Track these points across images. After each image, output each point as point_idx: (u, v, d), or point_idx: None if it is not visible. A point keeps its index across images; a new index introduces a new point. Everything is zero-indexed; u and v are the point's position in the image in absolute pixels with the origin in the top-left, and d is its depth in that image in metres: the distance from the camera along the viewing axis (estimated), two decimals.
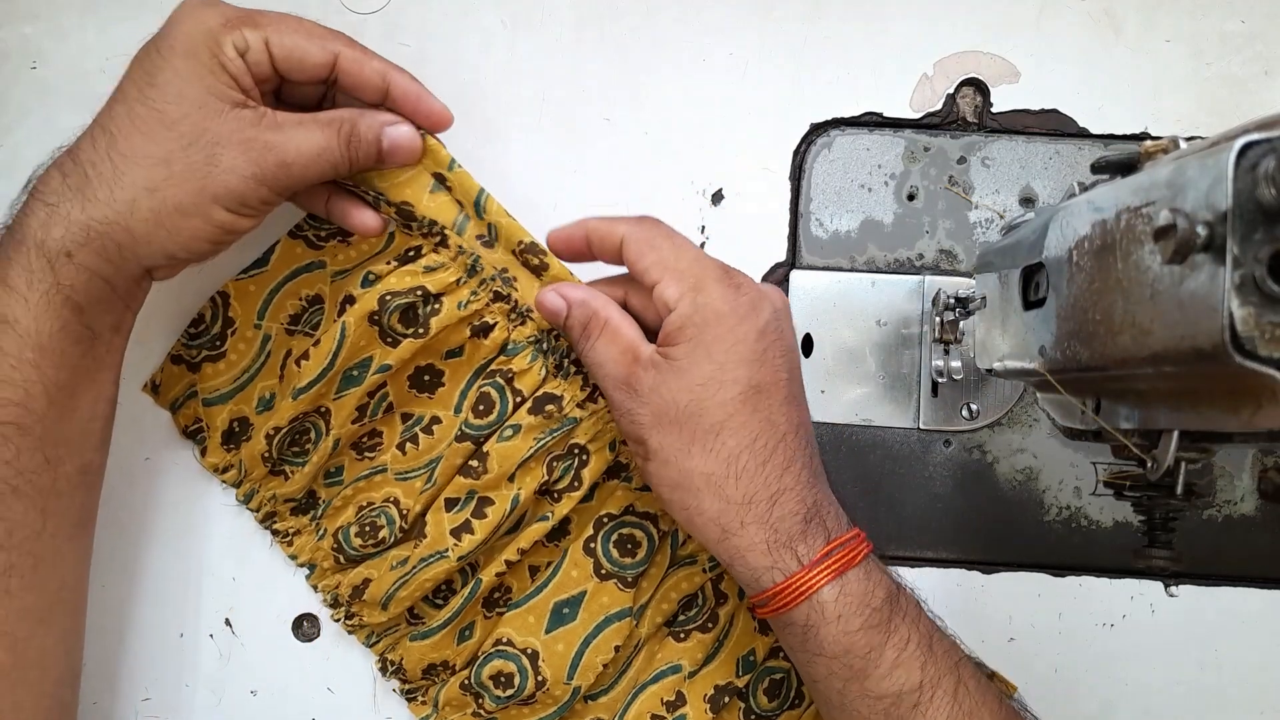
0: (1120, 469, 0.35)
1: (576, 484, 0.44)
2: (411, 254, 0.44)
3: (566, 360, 0.44)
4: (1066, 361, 0.32)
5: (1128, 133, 0.48)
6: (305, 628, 0.48)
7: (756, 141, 0.49)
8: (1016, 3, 0.49)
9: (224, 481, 0.47)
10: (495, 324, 0.44)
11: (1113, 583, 0.47)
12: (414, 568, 0.44)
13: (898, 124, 0.49)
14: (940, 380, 0.47)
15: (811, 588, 0.38)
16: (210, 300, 0.46)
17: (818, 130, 0.49)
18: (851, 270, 0.49)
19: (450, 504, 0.44)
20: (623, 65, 0.49)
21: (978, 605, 0.47)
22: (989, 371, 0.40)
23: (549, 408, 0.43)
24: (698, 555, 0.46)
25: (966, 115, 0.49)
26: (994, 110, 0.48)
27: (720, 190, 0.49)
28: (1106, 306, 0.29)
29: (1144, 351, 0.27)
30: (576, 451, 0.44)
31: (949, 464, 0.48)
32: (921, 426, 0.48)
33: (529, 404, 0.44)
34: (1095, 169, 0.33)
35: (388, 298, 0.43)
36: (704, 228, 0.49)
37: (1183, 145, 0.29)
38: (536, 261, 0.44)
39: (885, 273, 0.49)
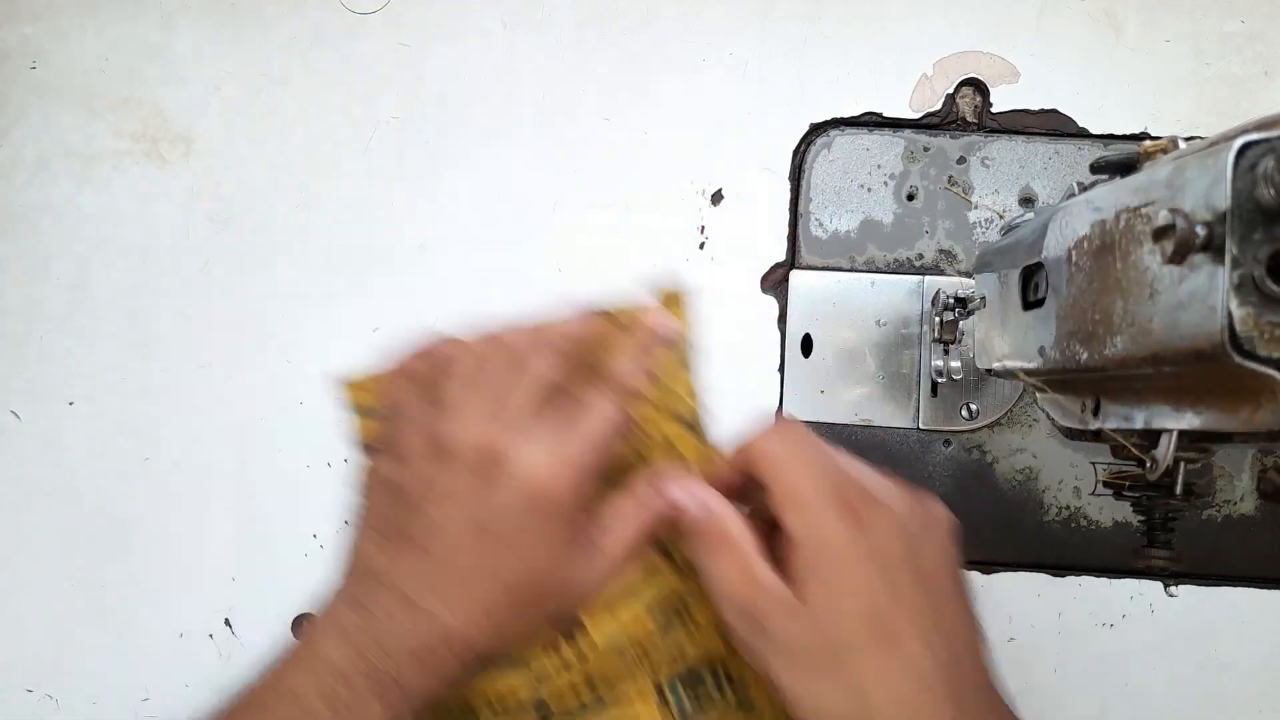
0: (1119, 469, 0.35)
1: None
2: None
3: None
4: (1066, 361, 0.32)
5: (1127, 133, 0.48)
6: (305, 628, 0.48)
7: (756, 141, 0.49)
8: (1016, 3, 0.49)
9: None
10: None
11: (1112, 583, 0.47)
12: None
13: (897, 124, 0.49)
14: (940, 380, 0.47)
15: None
16: None
17: (817, 130, 0.49)
18: (851, 270, 0.49)
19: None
20: (623, 65, 0.49)
21: (978, 605, 0.47)
22: (988, 371, 0.40)
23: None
24: None
25: (966, 115, 0.49)
26: (993, 110, 0.48)
27: (720, 190, 0.49)
28: (1106, 306, 0.29)
29: (1143, 351, 0.27)
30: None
31: (949, 464, 0.48)
32: (921, 426, 0.48)
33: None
34: (1094, 169, 0.33)
35: None
36: (704, 228, 0.49)
37: (1182, 145, 0.29)
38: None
39: (885, 273, 0.49)
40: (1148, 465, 0.31)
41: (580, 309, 0.42)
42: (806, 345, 0.48)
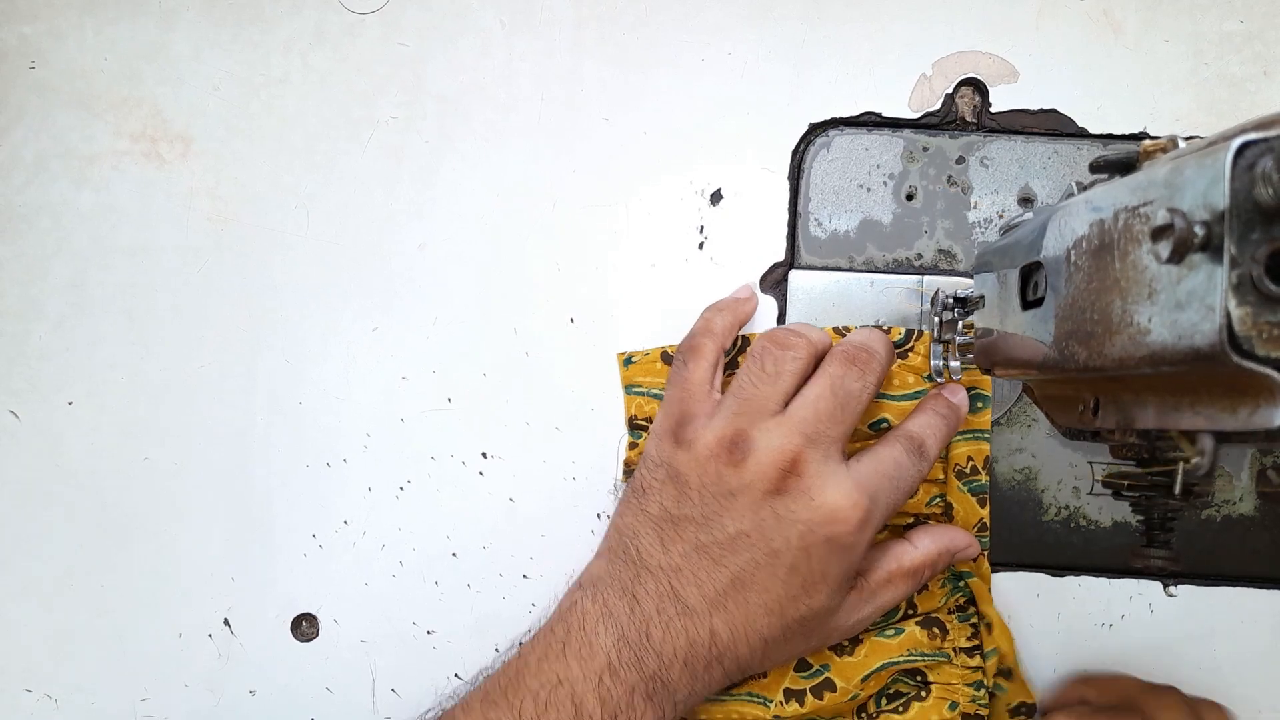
0: (1118, 469, 0.35)
1: (901, 709, 0.45)
2: None
3: (971, 605, 0.46)
4: (1065, 361, 0.32)
5: (1126, 133, 0.48)
6: (304, 628, 0.48)
7: (755, 141, 0.49)
8: (1016, 3, 0.49)
9: None
10: None
11: (1112, 583, 0.47)
12: (733, 695, 0.44)
13: (896, 124, 0.49)
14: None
15: None
16: None
17: (816, 130, 0.49)
18: (850, 270, 0.49)
19: (802, 665, 0.44)
20: (622, 65, 0.49)
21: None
22: (987, 371, 0.40)
23: (934, 630, 0.45)
24: None
25: (965, 115, 0.49)
26: (993, 110, 0.48)
27: (719, 190, 0.49)
28: (1104, 306, 0.29)
29: (1141, 351, 0.27)
30: (919, 680, 0.45)
31: None
32: None
33: (920, 618, 0.45)
34: (1094, 168, 0.33)
35: None
36: (703, 228, 0.49)
37: (1181, 144, 0.29)
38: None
39: (884, 273, 0.49)
40: (1180, 469, 0.31)
41: (876, 329, 0.43)
42: None
